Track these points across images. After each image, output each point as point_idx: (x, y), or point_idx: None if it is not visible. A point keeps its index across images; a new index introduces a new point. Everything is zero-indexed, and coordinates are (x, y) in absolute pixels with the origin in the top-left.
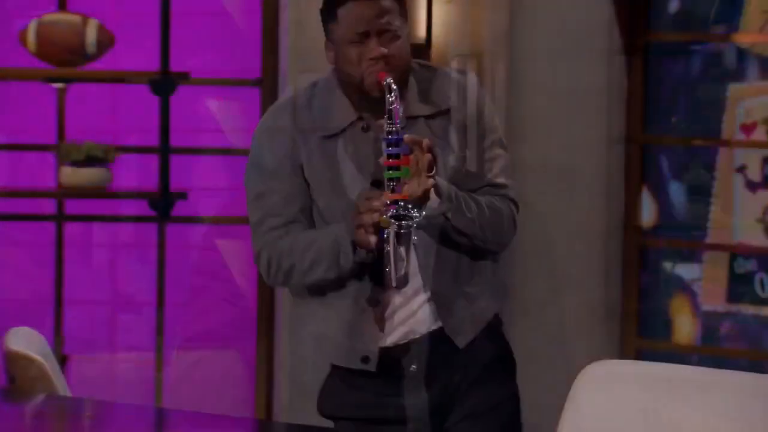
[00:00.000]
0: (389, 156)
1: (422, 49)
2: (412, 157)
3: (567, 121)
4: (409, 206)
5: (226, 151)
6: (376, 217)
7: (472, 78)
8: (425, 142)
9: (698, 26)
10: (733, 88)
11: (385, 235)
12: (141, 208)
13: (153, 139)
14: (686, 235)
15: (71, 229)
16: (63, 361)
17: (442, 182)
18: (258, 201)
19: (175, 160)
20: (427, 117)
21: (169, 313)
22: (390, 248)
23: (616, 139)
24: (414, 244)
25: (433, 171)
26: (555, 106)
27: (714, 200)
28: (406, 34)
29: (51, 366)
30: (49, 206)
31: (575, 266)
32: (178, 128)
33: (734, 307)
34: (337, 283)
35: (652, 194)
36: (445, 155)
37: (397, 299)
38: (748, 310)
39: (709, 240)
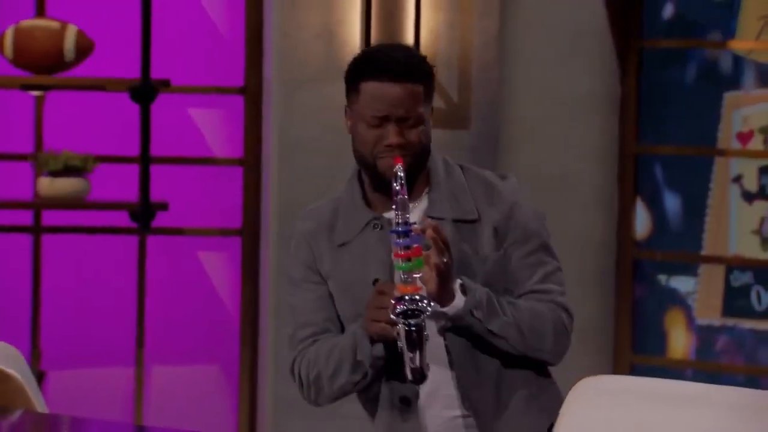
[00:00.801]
0: (398, 248)
1: None
2: (423, 247)
3: (559, 130)
4: (418, 299)
5: (208, 161)
6: (386, 313)
7: (511, 183)
8: (435, 228)
9: (693, 32)
10: (729, 96)
11: (396, 333)
12: (121, 219)
13: (133, 149)
14: (681, 247)
15: (49, 241)
16: (40, 377)
17: (468, 280)
18: (291, 314)
19: (155, 170)
20: (455, 221)
21: (150, 327)
22: (402, 345)
23: (609, 148)
24: (426, 338)
25: (450, 266)
26: (547, 114)
27: (709, 211)
28: (429, 119)
29: (28, 382)
30: (25, 217)
31: (567, 279)
32: (159, 137)
33: (730, 321)
34: (367, 390)
35: (646, 205)
36: (474, 261)
37: (429, 410)
38: (744, 324)
39: (704, 252)
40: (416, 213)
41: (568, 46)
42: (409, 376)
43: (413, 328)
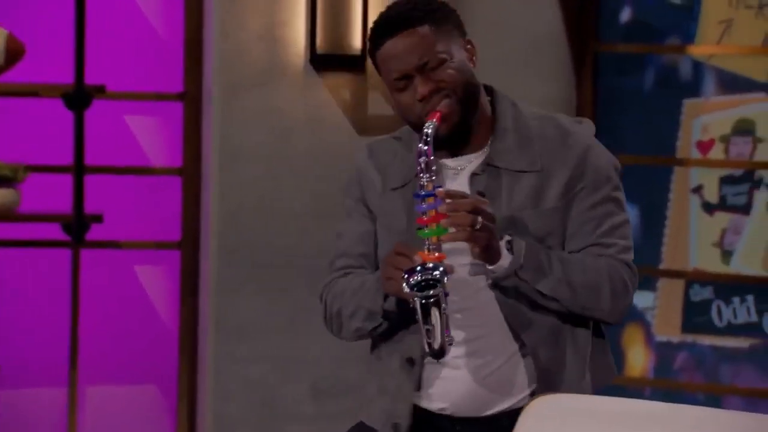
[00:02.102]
0: (421, 213)
1: (358, 59)
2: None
3: None
4: (432, 270)
5: (145, 171)
6: (400, 274)
7: (586, 128)
8: (466, 198)
9: (651, 37)
10: (689, 103)
11: (411, 305)
12: (53, 231)
13: (66, 158)
14: (639, 261)
15: None
16: None
17: (516, 238)
18: (337, 240)
19: (90, 180)
20: (518, 171)
21: (84, 345)
22: (419, 318)
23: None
24: (444, 311)
25: (486, 226)
26: None
27: (668, 223)
28: (455, 54)
29: None
30: None
31: None
32: (94, 146)
33: (690, 338)
34: (385, 337)
35: None
36: (531, 215)
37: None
38: (704, 340)
39: (663, 266)
40: (477, 162)
41: (522, 50)
42: (427, 349)
43: (427, 301)
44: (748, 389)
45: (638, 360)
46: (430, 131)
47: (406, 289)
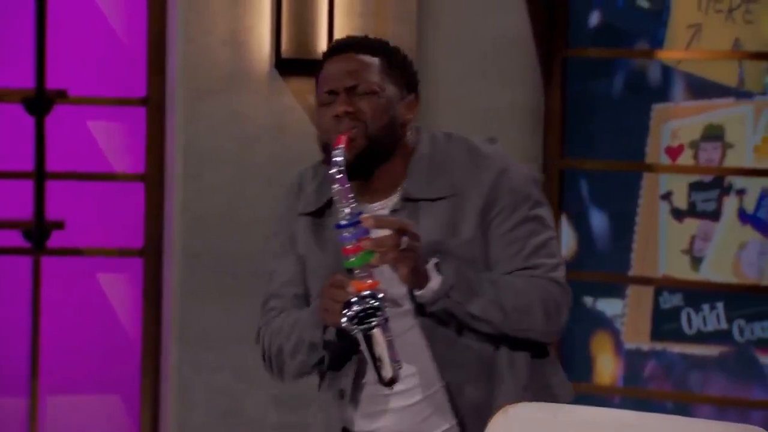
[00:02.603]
0: (345, 243)
1: (319, 63)
2: (372, 239)
3: None
4: (369, 299)
5: (107, 177)
6: (338, 307)
7: (499, 148)
8: (375, 218)
9: (620, 41)
10: (658, 109)
11: (353, 335)
12: (13, 238)
13: (27, 163)
14: (608, 268)
15: None
16: None
17: (444, 259)
18: (268, 280)
19: (51, 187)
20: (433, 200)
21: (45, 354)
22: (364, 350)
23: (532, 163)
24: (389, 338)
25: (412, 246)
26: (466, 127)
27: (637, 230)
28: (389, 94)
29: None
30: None
31: None
32: (55, 151)
33: (659, 345)
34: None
35: (571, 223)
36: (452, 242)
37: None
38: (674, 348)
39: (632, 273)
40: (396, 199)
41: (489, 54)
42: (378, 379)
43: (369, 332)
44: (718, 397)
45: (607, 368)
46: (339, 159)
47: (346, 323)
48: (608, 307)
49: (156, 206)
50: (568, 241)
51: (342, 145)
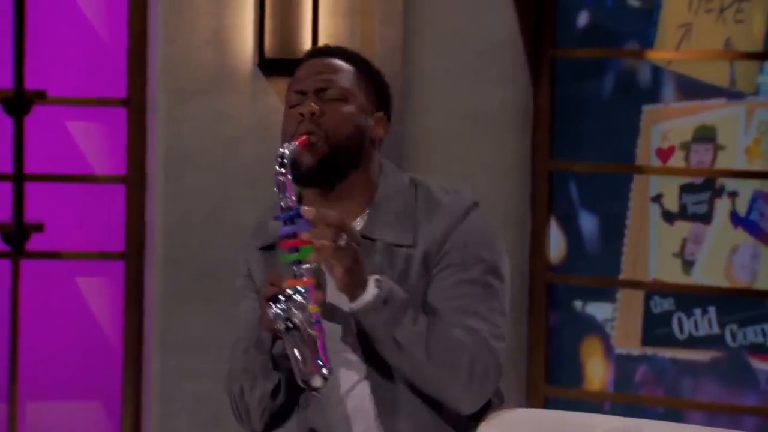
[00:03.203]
0: (283, 236)
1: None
2: (311, 233)
3: (466, 146)
4: (294, 295)
5: (88, 179)
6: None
7: (459, 199)
8: (331, 216)
9: (609, 42)
10: (648, 110)
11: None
12: None
13: (5, 165)
14: (598, 272)
15: None
16: None
17: (386, 279)
18: (237, 323)
19: (30, 189)
20: (390, 244)
21: (24, 360)
22: (287, 348)
23: (520, 166)
24: (315, 337)
25: (350, 245)
26: (453, 129)
27: (628, 233)
28: (359, 104)
29: None
30: None
31: None
32: (34, 153)
33: (650, 350)
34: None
35: (561, 226)
36: (404, 286)
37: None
38: (665, 353)
39: (622, 276)
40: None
41: (476, 55)
42: (299, 382)
43: (290, 327)
44: (710, 403)
45: (597, 373)
46: (286, 152)
47: (273, 317)
48: (598, 311)
49: (137, 209)
50: (557, 244)
51: (297, 143)
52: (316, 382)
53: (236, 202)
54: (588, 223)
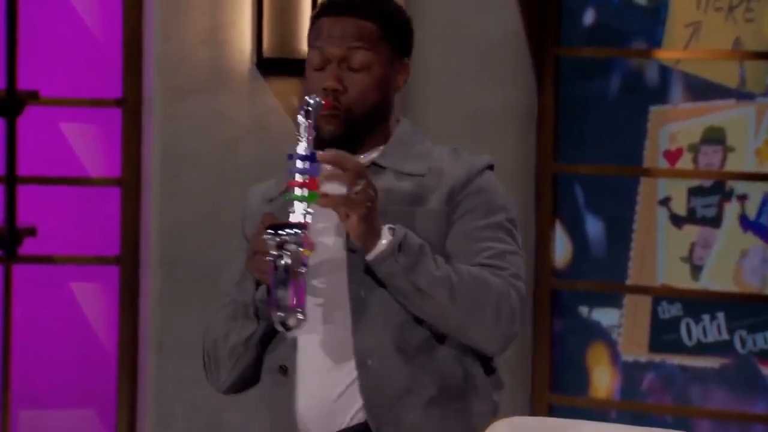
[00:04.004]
0: (293, 175)
1: (301, 63)
2: (322, 176)
3: (468, 147)
4: (293, 232)
5: (82, 181)
6: (260, 257)
7: (485, 158)
8: (350, 161)
9: (616, 41)
10: (656, 111)
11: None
12: None
13: None
14: (604, 277)
15: None
16: None
17: (400, 227)
18: (225, 280)
19: (23, 191)
20: (402, 173)
21: (16, 367)
22: (270, 279)
23: (524, 167)
24: (297, 276)
25: (367, 192)
26: (454, 129)
27: (635, 237)
28: (383, 65)
29: None
30: None
31: None
32: (27, 155)
33: (658, 357)
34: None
35: (566, 230)
36: (417, 213)
37: (312, 368)
38: (673, 360)
39: (629, 282)
40: (364, 160)
41: (478, 53)
42: (275, 319)
43: (282, 262)
44: (719, 411)
45: (603, 381)
46: (312, 100)
47: (267, 242)
48: (604, 317)
49: (133, 212)
50: (562, 248)
51: (321, 100)
52: (292, 321)
53: (234, 204)
54: (594, 226)
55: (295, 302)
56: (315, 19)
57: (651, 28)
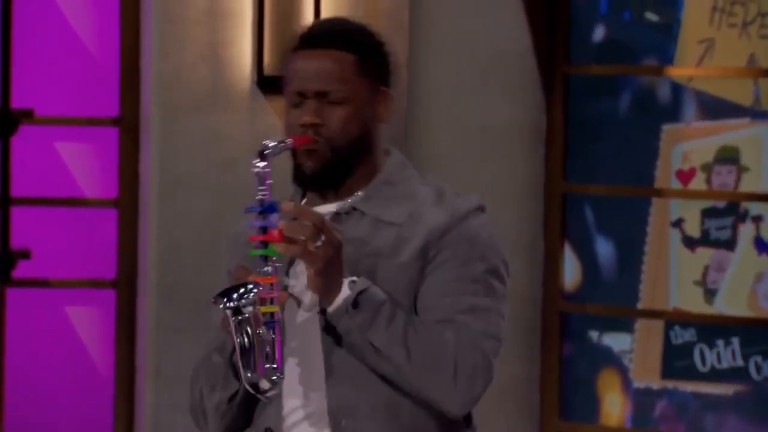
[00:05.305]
0: (253, 230)
1: None
2: (281, 228)
3: (475, 166)
4: (248, 291)
5: (78, 202)
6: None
7: (471, 200)
8: (297, 207)
9: (627, 57)
10: (668, 130)
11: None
12: None
13: None
14: (615, 300)
15: None
16: None
17: (364, 280)
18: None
19: (17, 213)
20: (377, 219)
21: (9, 394)
22: (234, 339)
23: (532, 187)
24: (267, 338)
25: (328, 246)
26: (461, 148)
27: (646, 259)
28: (362, 97)
29: None
30: None
31: None
32: (21, 175)
33: (671, 384)
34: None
35: (575, 252)
36: (386, 265)
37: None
38: (686, 386)
39: (641, 306)
40: (345, 203)
41: (486, 70)
42: (245, 382)
43: (238, 323)
44: None
45: (614, 408)
46: (270, 144)
47: (221, 307)
48: (615, 342)
49: (130, 234)
50: (571, 270)
51: (290, 140)
52: (264, 385)
53: (233, 226)
54: (604, 248)
55: (265, 365)
56: (291, 53)
57: (663, 44)
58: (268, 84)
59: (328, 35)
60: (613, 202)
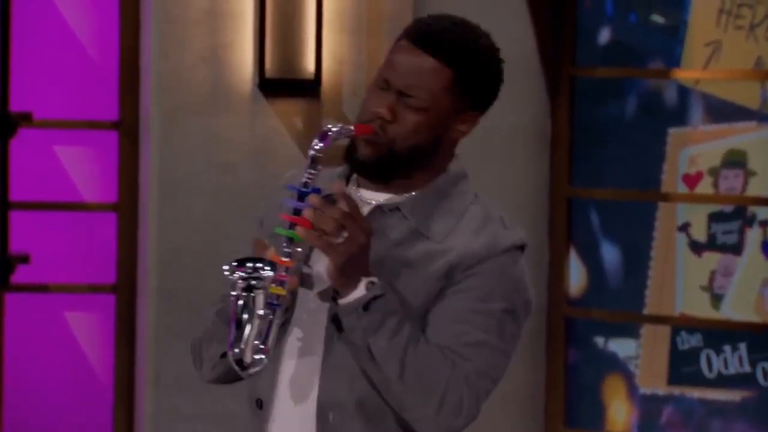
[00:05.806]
0: (287, 209)
1: (311, 84)
2: (311, 214)
3: (477, 169)
4: (260, 271)
5: (77, 207)
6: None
7: (516, 235)
8: (344, 194)
9: (633, 60)
10: (675, 133)
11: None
12: None
13: None
14: (621, 306)
15: None
16: None
17: (383, 284)
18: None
19: (15, 218)
20: (419, 231)
21: (9, 399)
22: (232, 316)
23: (537, 191)
24: (264, 319)
25: (350, 242)
26: (465, 150)
27: (653, 264)
28: (442, 111)
29: None
30: None
31: None
32: (19, 179)
33: (677, 390)
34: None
35: (581, 256)
36: (410, 271)
37: (283, 406)
38: (692, 393)
39: (647, 311)
40: (392, 199)
41: None
42: (230, 356)
43: (241, 299)
44: None
45: (620, 414)
46: (334, 129)
47: (233, 276)
48: (621, 348)
49: (129, 238)
50: (576, 275)
51: (352, 128)
52: (247, 358)
53: (234, 230)
54: (610, 253)
55: (251, 343)
56: (403, 33)
57: (669, 47)
58: (269, 87)
59: (437, 41)
60: (619, 207)
